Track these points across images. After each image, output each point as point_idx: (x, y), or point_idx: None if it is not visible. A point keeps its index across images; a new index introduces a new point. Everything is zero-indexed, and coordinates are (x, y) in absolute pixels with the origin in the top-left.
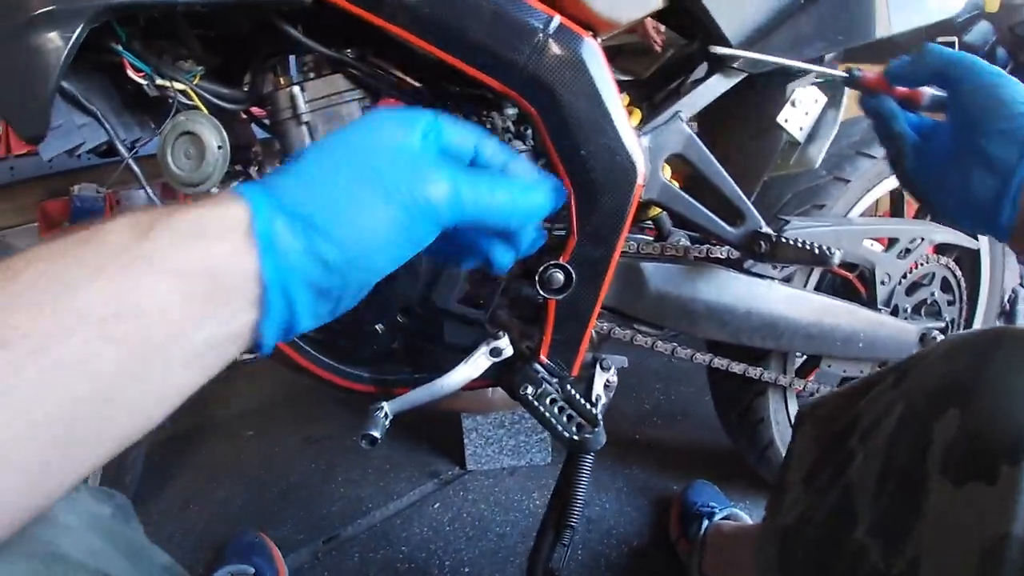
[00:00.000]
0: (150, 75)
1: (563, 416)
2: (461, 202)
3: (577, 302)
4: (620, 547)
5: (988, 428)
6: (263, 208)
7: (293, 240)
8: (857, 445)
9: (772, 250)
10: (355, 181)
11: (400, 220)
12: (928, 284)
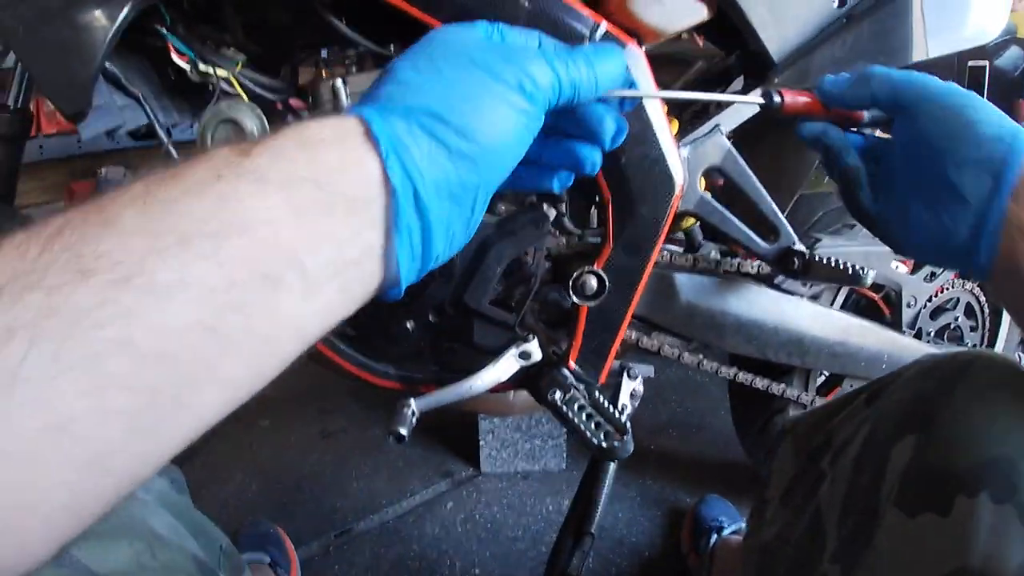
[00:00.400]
0: (193, 60)
1: (591, 423)
2: (559, 79)
3: (609, 309)
4: (631, 556)
5: (944, 457)
6: (377, 114)
7: (415, 136)
8: (828, 466)
9: (805, 267)
10: (461, 72)
11: (516, 103)
12: (952, 309)
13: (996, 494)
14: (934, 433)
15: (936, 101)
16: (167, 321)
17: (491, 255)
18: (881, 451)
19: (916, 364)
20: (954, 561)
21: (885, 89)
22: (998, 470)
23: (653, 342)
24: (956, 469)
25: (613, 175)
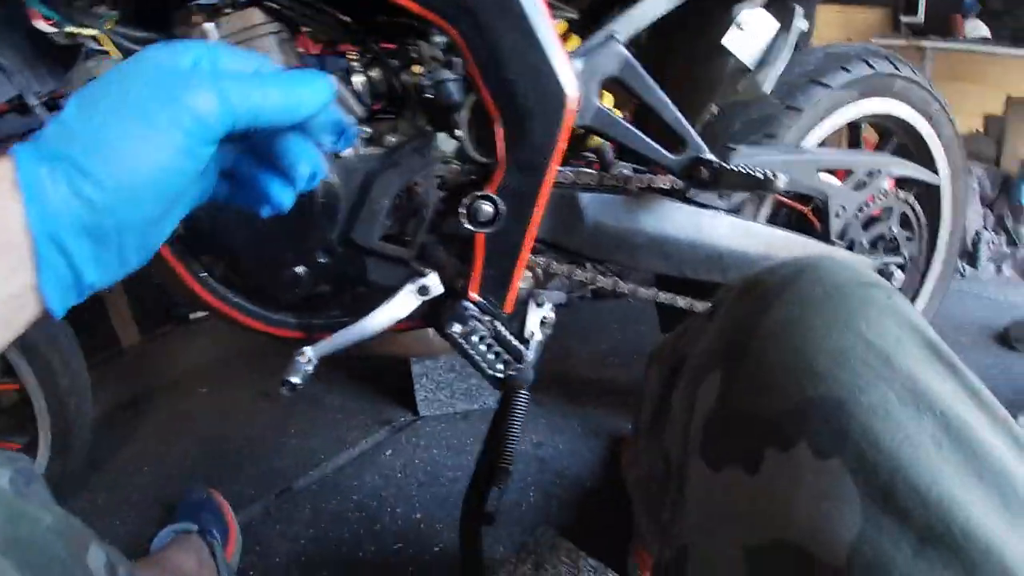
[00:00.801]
0: (60, 23)
1: (490, 354)
2: (231, 104)
3: (506, 235)
4: (574, 487)
5: (752, 398)
6: (26, 157)
7: (55, 183)
8: (676, 400)
9: (714, 177)
10: (114, 112)
11: (163, 143)
12: (886, 219)
13: (819, 445)
14: (742, 368)
15: None
16: None
17: (376, 188)
18: (691, 389)
19: (740, 279)
20: (768, 531)
21: None
22: (820, 414)
23: (563, 267)
24: (766, 413)
25: (499, 91)
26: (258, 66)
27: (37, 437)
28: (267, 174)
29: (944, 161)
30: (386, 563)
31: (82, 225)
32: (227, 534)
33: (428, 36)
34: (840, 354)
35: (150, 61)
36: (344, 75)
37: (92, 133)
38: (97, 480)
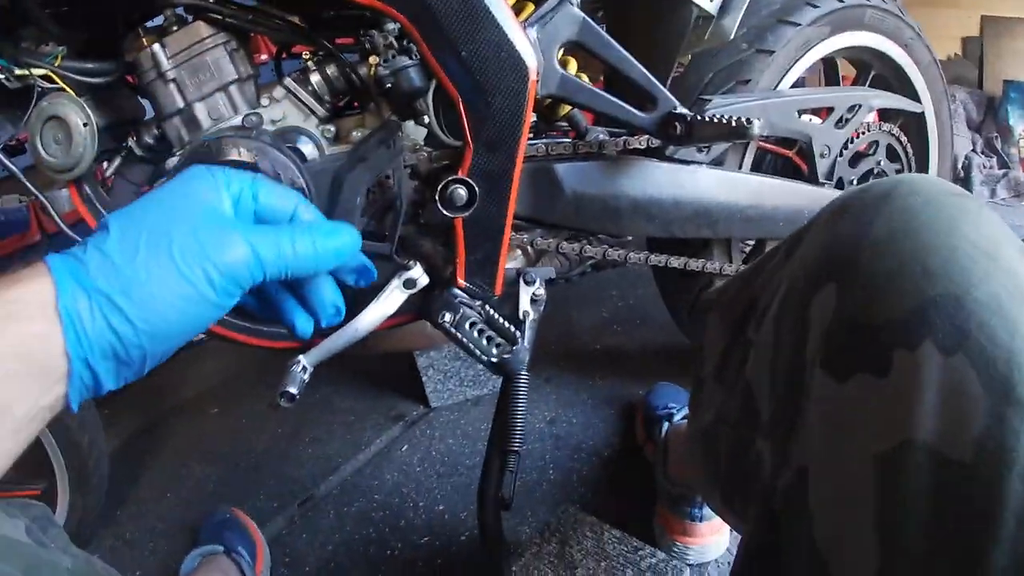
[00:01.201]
0: (6, 67)
1: (482, 339)
2: (262, 260)
3: (486, 217)
4: (591, 460)
5: (873, 305)
6: (67, 286)
7: (92, 317)
8: (753, 333)
9: (688, 131)
10: (154, 256)
11: (195, 294)
12: (873, 153)
13: (943, 342)
14: (857, 277)
15: None
16: None
17: (345, 188)
18: (799, 307)
19: (830, 203)
20: (898, 433)
21: None
22: (941, 312)
23: (550, 241)
24: (890, 316)
25: (456, 71)
26: (296, 203)
27: (55, 480)
28: (292, 303)
29: (925, 88)
30: (415, 557)
31: (111, 353)
32: (254, 550)
33: (380, 25)
34: (950, 253)
35: (194, 198)
36: (301, 75)
37: (132, 276)
38: (121, 513)
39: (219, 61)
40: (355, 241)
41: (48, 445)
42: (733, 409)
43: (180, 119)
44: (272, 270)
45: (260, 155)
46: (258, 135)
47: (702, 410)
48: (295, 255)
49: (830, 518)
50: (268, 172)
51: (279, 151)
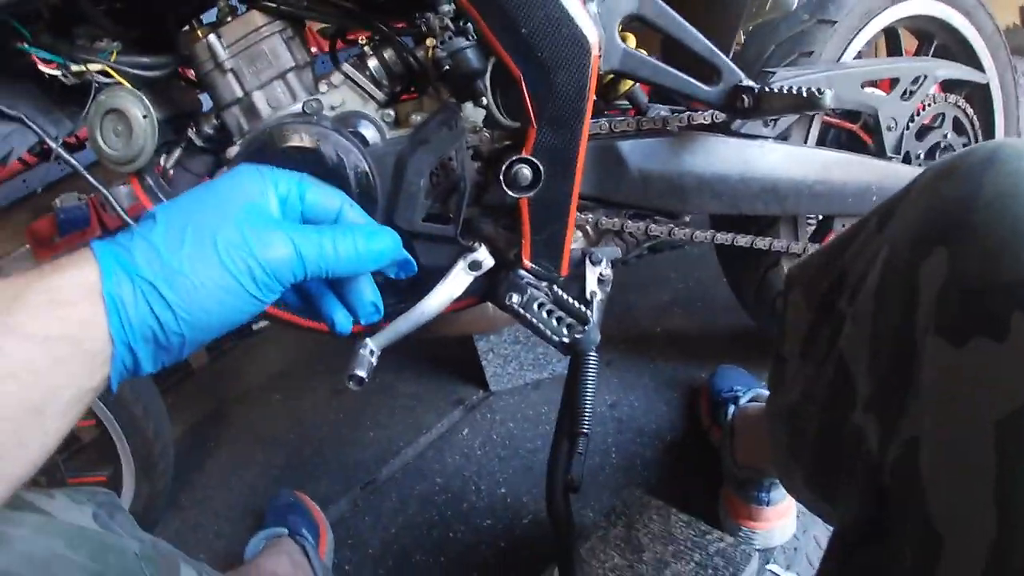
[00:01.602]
0: (63, 64)
1: (552, 320)
2: (304, 260)
3: (551, 196)
4: (654, 443)
5: (989, 267)
6: (112, 272)
7: (136, 304)
8: (846, 306)
9: (756, 103)
10: (199, 249)
11: (236, 287)
12: (939, 126)
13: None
14: (969, 241)
15: None
16: None
17: (409, 171)
18: (907, 274)
19: (929, 170)
20: (1018, 397)
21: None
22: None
23: (615, 221)
24: (1007, 279)
25: (517, 49)
26: (341, 203)
27: (120, 467)
28: (332, 300)
29: (989, 58)
30: (478, 540)
31: (152, 338)
32: (318, 533)
33: (435, 6)
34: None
35: (241, 195)
36: (358, 61)
37: (176, 266)
38: (186, 498)
39: (276, 49)
40: (396, 245)
41: (114, 433)
42: (823, 385)
43: (239, 108)
44: (313, 269)
45: (322, 140)
46: (319, 120)
47: (785, 388)
48: (337, 256)
49: (945, 490)
50: (330, 157)
51: (341, 135)
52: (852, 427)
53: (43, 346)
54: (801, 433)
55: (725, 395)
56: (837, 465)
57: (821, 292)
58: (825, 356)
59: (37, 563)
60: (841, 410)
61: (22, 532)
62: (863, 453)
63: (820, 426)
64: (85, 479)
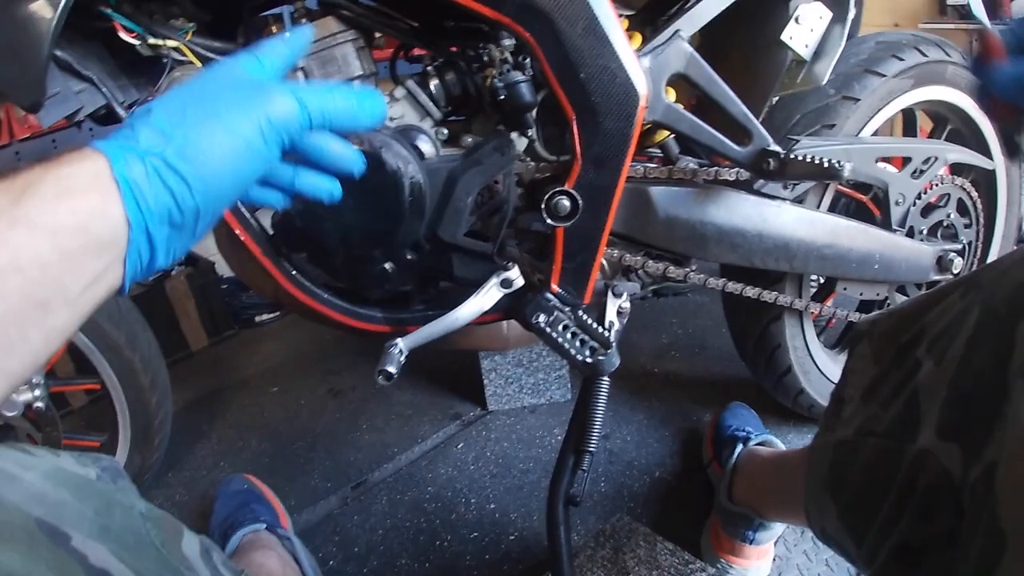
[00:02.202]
0: (142, 35)
1: (576, 341)
2: (307, 110)
3: (585, 229)
4: (642, 478)
5: None
6: (119, 156)
7: (149, 182)
8: (924, 355)
9: (781, 167)
10: (202, 118)
11: (245, 147)
12: (944, 205)
13: None
14: None
15: None
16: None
17: (460, 187)
18: (1002, 330)
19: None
20: None
21: None
22: None
23: (637, 259)
24: None
25: (574, 91)
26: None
27: (117, 434)
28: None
29: (998, 146)
30: (463, 551)
31: (168, 217)
32: (276, 515)
33: (497, 39)
34: None
35: (232, 69)
36: (420, 79)
37: (182, 137)
38: (175, 476)
39: (347, 56)
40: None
41: (117, 399)
42: (884, 421)
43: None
44: (317, 120)
45: (385, 148)
46: (382, 129)
47: (840, 425)
48: (336, 108)
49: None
50: (391, 164)
51: (402, 146)
52: (917, 452)
53: (51, 238)
54: (847, 465)
55: (735, 432)
56: (885, 488)
57: (899, 344)
58: (891, 397)
59: (48, 504)
60: (903, 439)
61: (32, 476)
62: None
63: (875, 455)
64: (79, 442)
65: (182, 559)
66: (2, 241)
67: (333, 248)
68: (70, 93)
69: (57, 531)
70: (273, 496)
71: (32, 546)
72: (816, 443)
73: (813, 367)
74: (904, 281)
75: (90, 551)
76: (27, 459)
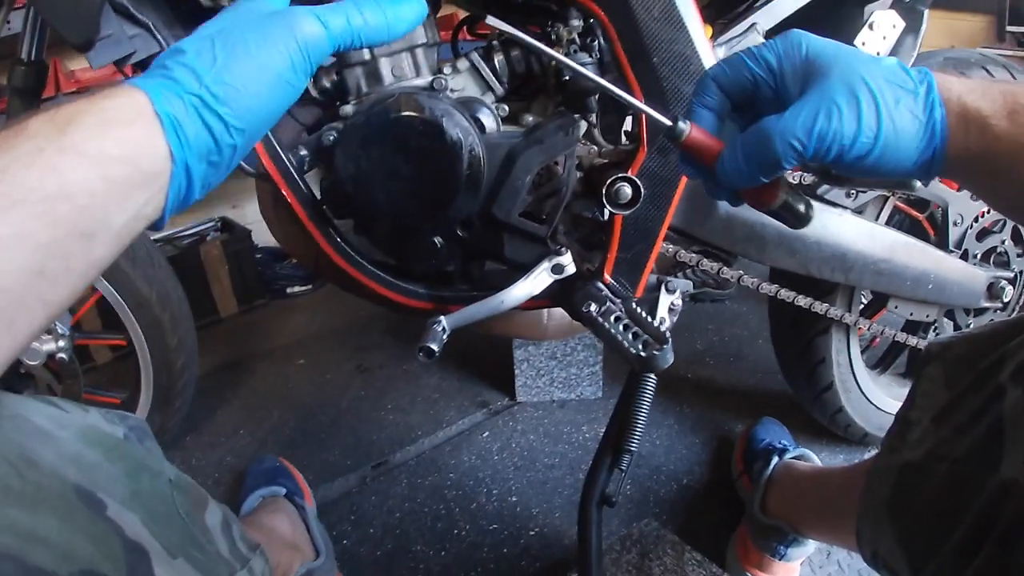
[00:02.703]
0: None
1: (628, 334)
2: (332, 31)
3: (644, 219)
4: (669, 483)
5: None
6: (159, 93)
7: (189, 119)
8: (1009, 382)
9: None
10: (233, 57)
11: (276, 78)
12: (999, 231)
13: None
14: None
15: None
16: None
17: (519, 165)
18: None
19: None
20: None
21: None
22: None
23: (692, 255)
24: None
25: (645, 76)
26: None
27: (138, 393)
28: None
29: None
30: (481, 542)
31: (207, 154)
32: (304, 497)
33: (567, 19)
34: None
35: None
36: (486, 53)
37: (217, 77)
38: (193, 440)
39: None
40: (423, 5)
41: (142, 357)
42: (961, 447)
43: (363, 70)
44: (345, 41)
45: (446, 117)
46: (444, 98)
47: (906, 448)
48: (366, 24)
49: None
50: (451, 134)
51: (464, 117)
52: (1001, 482)
53: (99, 166)
54: (914, 488)
55: (770, 445)
56: (958, 516)
57: (978, 369)
58: (969, 423)
59: (84, 467)
60: (982, 467)
61: (66, 435)
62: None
63: (948, 480)
64: (99, 397)
65: (204, 530)
66: (51, 167)
67: (382, 217)
68: (123, 37)
69: (93, 497)
70: (302, 479)
71: (70, 513)
72: (878, 463)
73: (855, 385)
74: (954, 305)
75: (125, 522)
76: (60, 415)
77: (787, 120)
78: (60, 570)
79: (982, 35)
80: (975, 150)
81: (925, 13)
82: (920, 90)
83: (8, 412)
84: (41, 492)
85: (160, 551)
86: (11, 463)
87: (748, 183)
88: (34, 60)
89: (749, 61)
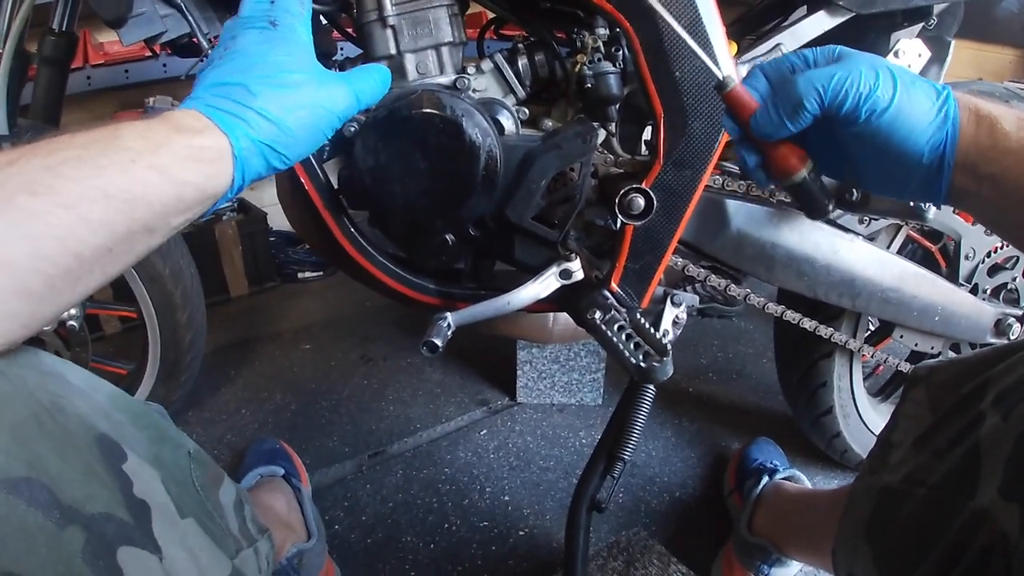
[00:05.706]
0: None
1: (630, 343)
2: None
3: (655, 230)
4: (661, 495)
5: None
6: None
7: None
8: (990, 408)
9: (864, 199)
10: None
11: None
12: (1011, 268)
13: None
14: None
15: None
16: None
17: (535, 168)
18: None
19: None
20: None
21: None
22: None
23: (700, 270)
24: None
25: (666, 89)
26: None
27: (145, 365)
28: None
29: None
30: (470, 538)
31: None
32: (300, 479)
33: (593, 27)
34: None
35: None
36: (510, 55)
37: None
38: (195, 416)
39: (439, 20)
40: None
41: (151, 330)
42: (938, 472)
43: (388, 64)
44: (364, 106)
45: (467, 116)
46: (466, 97)
47: (886, 471)
48: (372, 92)
49: None
50: (470, 133)
51: (484, 117)
52: (976, 510)
53: (178, 187)
54: (889, 512)
55: (761, 465)
56: (933, 541)
57: (961, 394)
58: (947, 448)
59: (113, 423)
60: (958, 494)
61: (99, 396)
62: (987, 532)
63: (924, 506)
64: (106, 367)
65: (216, 505)
66: (140, 179)
67: (397, 211)
68: (155, 16)
69: (117, 449)
70: (300, 462)
71: (90, 462)
72: (858, 485)
73: (854, 411)
74: (960, 338)
75: (137, 477)
76: (93, 379)
77: (813, 71)
78: (84, 509)
79: (1010, 68)
80: (984, 146)
81: (951, 43)
82: (937, 86)
83: (47, 369)
84: (69, 437)
85: (170, 509)
86: (44, 407)
87: (775, 130)
88: (65, 31)
89: (790, 55)
